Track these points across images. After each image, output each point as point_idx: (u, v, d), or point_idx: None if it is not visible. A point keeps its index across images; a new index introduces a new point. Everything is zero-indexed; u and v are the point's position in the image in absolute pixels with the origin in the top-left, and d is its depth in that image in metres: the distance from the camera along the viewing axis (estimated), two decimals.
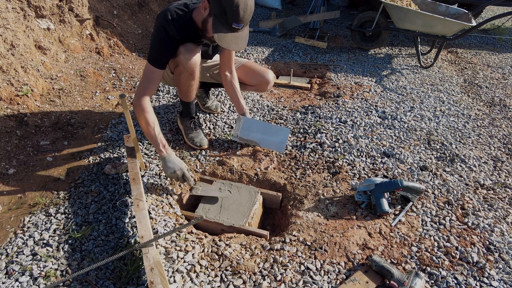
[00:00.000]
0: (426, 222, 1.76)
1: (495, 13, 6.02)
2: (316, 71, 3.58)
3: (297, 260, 1.54)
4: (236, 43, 1.73)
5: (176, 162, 1.80)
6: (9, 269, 1.44)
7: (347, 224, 1.73)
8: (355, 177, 2.04)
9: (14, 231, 1.63)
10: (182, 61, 1.89)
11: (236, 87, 2.26)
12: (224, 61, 2.19)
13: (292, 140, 2.39)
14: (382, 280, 1.45)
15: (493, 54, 4.35)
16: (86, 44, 3.28)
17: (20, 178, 1.93)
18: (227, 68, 2.22)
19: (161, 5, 4.36)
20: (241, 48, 1.79)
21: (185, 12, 1.83)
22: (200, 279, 1.43)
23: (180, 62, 1.90)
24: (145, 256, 1.34)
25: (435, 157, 2.26)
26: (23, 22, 2.72)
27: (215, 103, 2.68)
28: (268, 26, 4.66)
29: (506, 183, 2.07)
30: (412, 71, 3.65)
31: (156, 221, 1.68)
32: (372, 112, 2.76)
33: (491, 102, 3.13)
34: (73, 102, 2.60)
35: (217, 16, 1.67)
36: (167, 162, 1.79)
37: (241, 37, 1.74)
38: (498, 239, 1.66)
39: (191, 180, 1.83)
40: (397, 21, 3.64)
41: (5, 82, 2.35)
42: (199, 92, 2.58)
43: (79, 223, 1.68)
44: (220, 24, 1.68)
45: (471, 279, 1.47)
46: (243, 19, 1.67)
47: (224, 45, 1.73)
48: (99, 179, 1.96)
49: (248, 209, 1.78)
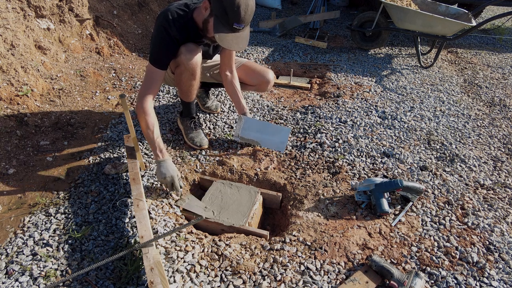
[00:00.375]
0: (426, 222, 1.76)
1: (495, 13, 6.02)
2: (316, 71, 3.58)
3: (297, 260, 1.54)
4: (237, 43, 1.74)
5: (169, 169, 1.77)
6: (9, 269, 1.44)
7: (347, 224, 1.73)
8: (355, 177, 2.04)
9: (14, 231, 1.63)
10: (183, 61, 1.89)
11: (237, 87, 2.26)
12: (225, 61, 2.19)
13: (292, 140, 2.39)
14: (382, 280, 1.45)
15: (493, 54, 4.35)
16: (86, 44, 3.28)
17: (20, 178, 1.93)
18: (227, 68, 2.22)
19: (161, 5, 4.36)
20: (242, 48, 1.79)
21: (185, 12, 1.83)
22: (200, 279, 1.43)
23: (181, 62, 1.90)
24: (145, 256, 1.34)
25: (435, 157, 2.26)
26: (23, 22, 2.72)
27: (215, 103, 2.68)
28: (268, 26, 4.66)
29: (506, 183, 2.07)
30: (412, 71, 3.65)
31: (156, 221, 1.68)
32: (372, 112, 2.76)
33: (491, 102, 3.13)
34: (73, 102, 2.60)
35: (218, 16, 1.68)
36: (160, 167, 1.77)
37: (242, 37, 1.75)
38: (498, 239, 1.66)
39: (179, 190, 1.81)
40: (397, 21, 3.64)
41: (5, 82, 2.36)
42: (199, 92, 2.58)
43: (79, 223, 1.68)
44: (221, 24, 1.68)
45: (471, 279, 1.47)
46: (244, 20, 1.67)
47: (225, 45, 1.73)
48: (99, 179, 1.96)
49: (248, 209, 1.78)
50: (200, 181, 2.05)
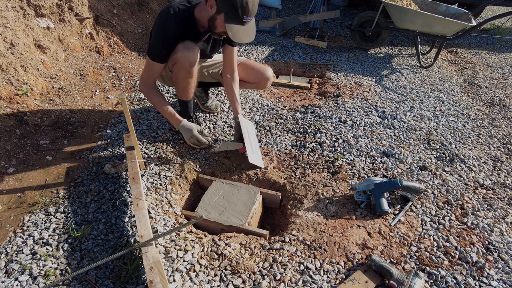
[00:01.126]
0: (426, 222, 1.76)
1: (495, 13, 6.02)
2: (316, 71, 3.58)
3: (296, 260, 1.54)
4: (247, 35, 1.82)
5: (187, 129, 2.09)
6: (9, 268, 1.44)
7: (347, 224, 1.73)
8: (354, 177, 2.04)
9: (13, 230, 1.63)
10: (180, 59, 1.91)
11: (235, 90, 2.26)
12: (226, 64, 2.22)
13: (292, 139, 2.39)
14: (382, 280, 1.45)
15: (493, 54, 4.35)
16: (86, 43, 3.28)
17: (20, 177, 1.93)
18: (229, 70, 2.24)
19: (161, 4, 4.35)
20: (252, 39, 1.86)
21: (187, 8, 1.87)
22: (199, 279, 1.43)
23: (178, 59, 1.92)
24: (144, 255, 1.34)
25: (435, 157, 2.27)
26: (23, 21, 2.72)
27: (215, 102, 2.68)
28: (268, 25, 4.66)
29: (506, 183, 2.07)
30: (412, 71, 3.65)
31: (155, 220, 1.68)
32: (372, 111, 2.76)
33: (491, 102, 3.13)
34: (73, 101, 2.60)
35: (227, 12, 1.73)
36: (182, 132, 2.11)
37: (250, 28, 1.83)
38: (498, 239, 1.66)
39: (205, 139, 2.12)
40: (397, 21, 3.64)
41: (4, 81, 2.35)
42: (198, 91, 2.58)
43: (79, 222, 1.68)
44: (230, 20, 1.74)
45: (470, 278, 1.47)
46: (252, 12, 1.76)
47: (238, 39, 1.79)
48: (98, 178, 1.96)
49: (247, 208, 1.78)
50: (200, 181, 2.05)
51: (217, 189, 1.90)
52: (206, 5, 1.81)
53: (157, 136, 2.33)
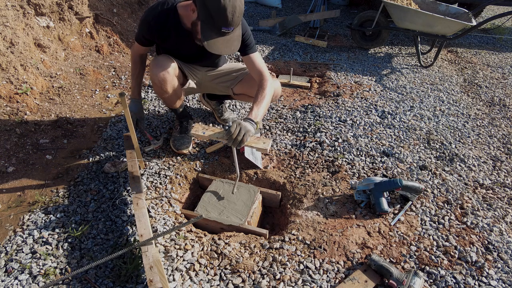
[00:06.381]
0: (425, 221, 1.76)
1: (495, 12, 6.02)
2: (316, 70, 3.58)
3: (296, 259, 1.54)
4: (228, 46, 1.63)
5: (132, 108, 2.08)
6: (9, 267, 1.44)
7: (346, 223, 1.74)
8: (354, 176, 2.04)
9: (13, 229, 1.63)
10: (151, 77, 1.89)
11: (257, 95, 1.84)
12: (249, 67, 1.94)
13: (291, 139, 2.39)
14: (381, 279, 1.45)
15: (493, 53, 4.35)
16: (85, 42, 3.27)
17: (20, 176, 1.93)
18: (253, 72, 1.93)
19: None
20: (234, 51, 1.67)
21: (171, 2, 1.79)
22: (199, 278, 1.44)
23: (150, 76, 1.92)
24: (144, 254, 1.34)
25: (435, 157, 2.27)
26: (23, 20, 2.71)
27: (232, 116, 2.53)
28: (268, 25, 4.65)
29: (505, 182, 2.07)
30: (412, 71, 3.64)
31: (155, 219, 1.68)
32: (372, 111, 2.76)
33: (491, 101, 3.13)
34: (73, 101, 2.60)
35: (204, 21, 1.56)
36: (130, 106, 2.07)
37: (232, 40, 1.62)
38: (497, 239, 1.66)
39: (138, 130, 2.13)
40: (397, 20, 3.63)
41: (4, 80, 2.35)
42: (213, 104, 2.48)
43: (79, 221, 1.68)
44: (208, 30, 1.56)
45: (470, 278, 1.47)
46: (232, 23, 1.54)
47: (215, 51, 1.62)
48: (98, 177, 1.96)
49: (247, 208, 1.78)
50: (200, 180, 2.05)
51: (217, 188, 1.90)
52: (189, 9, 1.67)
53: (157, 135, 2.32)
